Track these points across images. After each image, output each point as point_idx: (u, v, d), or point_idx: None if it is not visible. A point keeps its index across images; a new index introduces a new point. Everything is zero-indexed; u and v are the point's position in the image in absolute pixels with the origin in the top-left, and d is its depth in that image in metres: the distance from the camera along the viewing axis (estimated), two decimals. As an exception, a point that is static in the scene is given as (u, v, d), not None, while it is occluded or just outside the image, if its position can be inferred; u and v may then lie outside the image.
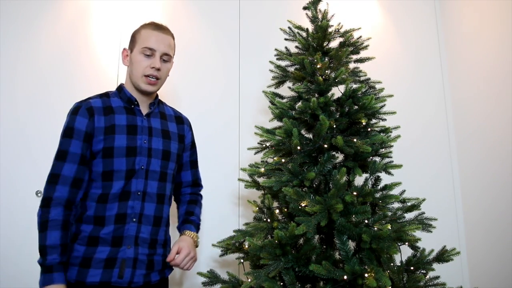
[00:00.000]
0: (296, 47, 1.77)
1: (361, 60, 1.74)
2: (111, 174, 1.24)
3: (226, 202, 2.06)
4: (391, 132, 1.57)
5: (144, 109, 1.36)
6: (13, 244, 1.83)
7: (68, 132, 1.23)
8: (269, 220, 1.48)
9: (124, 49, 1.38)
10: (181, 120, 1.46)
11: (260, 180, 1.63)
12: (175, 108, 1.54)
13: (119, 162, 1.25)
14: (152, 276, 1.26)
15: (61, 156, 1.22)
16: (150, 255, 1.26)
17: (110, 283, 1.19)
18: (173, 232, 1.70)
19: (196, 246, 1.36)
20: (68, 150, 1.22)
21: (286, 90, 1.72)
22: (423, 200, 1.57)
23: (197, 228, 1.40)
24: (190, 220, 1.40)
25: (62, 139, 1.24)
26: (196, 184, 1.52)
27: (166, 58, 1.34)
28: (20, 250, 1.83)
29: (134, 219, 1.24)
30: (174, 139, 1.39)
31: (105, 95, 1.35)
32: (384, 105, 1.58)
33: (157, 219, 1.29)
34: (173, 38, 1.40)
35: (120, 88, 1.36)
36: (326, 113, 1.50)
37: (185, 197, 1.49)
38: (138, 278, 1.22)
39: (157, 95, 1.43)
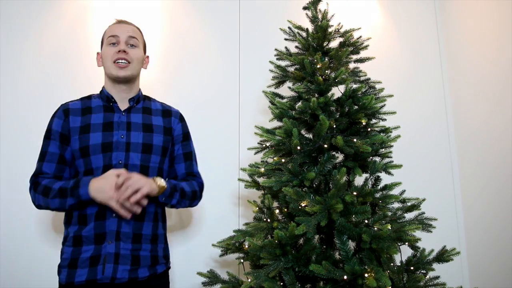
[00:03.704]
0: (296, 47, 1.77)
1: (361, 60, 1.74)
2: (91, 172, 1.27)
3: (226, 202, 2.06)
4: (391, 132, 1.57)
5: (123, 105, 1.37)
6: (13, 244, 1.83)
7: (47, 134, 1.32)
8: (269, 220, 1.48)
9: (98, 53, 1.42)
10: (168, 113, 1.43)
11: (260, 180, 1.63)
12: (172, 106, 1.52)
13: (96, 159, 1.26)
14: (139, 272, 1.24)
15: (41, 157, 1.31)
16: (134, 250, 1.24)
17: (96, 280, 1.19)
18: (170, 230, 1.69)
19: (158, 193, 1.24)
20: (47, 150, 1.30)
21: (286, 90, 1.72)
22: (423, 200, 1.57)
23: (169, 183, 1.28)
24: (168, 180, 1.31)
25: (43, 141, 1.32)
26: (191, 175, 1.45)
27: (133, 42, 1.36)
28: (19, 250, 1.83)
29: (113, 215, 1.23)
30: (158, 132, 1.36)
31: (87, 98, 1.39)
32: (384, 105, 1.58)
33: (140, 213, 1.25)
34: (140, 30, 1.44)
35: (101, 89, 1.39)
36: (326, 113, 1.50)
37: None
38: (122, 274, 1.20)
39: (139, 91, 1.43)
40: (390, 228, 1.28)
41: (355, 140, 1.42)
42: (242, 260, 1.55)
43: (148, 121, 1.36)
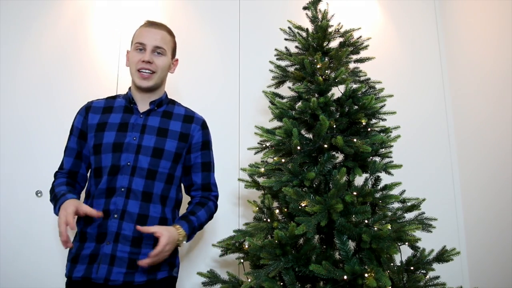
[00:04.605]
0: (296, 47, 1.77)
1: (361, 60, 1.74)
2: (100, 170, 1.29)
3: (226, 202, 2.06)
4: (391, 132, 1.57)
5: (144, 107, 1.37)
6: (12, 244, 1.83)
7: (70, 130, 1.38)
8: (269, 220, 1.48)
9: (128, 51, 1.42)
10: (190, 119, 1.40)
11: (260, 180, 1.63)
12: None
13: (106, 158, 1.28)
14: (136, 276, 1.21)
15: (64, 151, 1.38)
16: (133, 254, 1.22)
17: (90, 279, 1.19)
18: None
19: (177, 246, 1.26)
20: (68, 145, 1.37)
21: (286, 90, 1.72)
22: (423, 200, 1.57)
23: (191, 229, 1.28)
24: (188, 219, 1.29)
25: (68, 137, 1.39)
26: (208, 188, 1.42)
27: (160, 51, 1.34)
28: (19, 251, 1.83)
29: (115, 215, 1.23)
30: (172, 137, 1.33)
31: (113, 97, 1.42)
32: (384, 105, 1.58)
33: (142, 217, 1.24)
34: (170, 34, 1.41)
35: (128, 89, 1.42)
36: (326, 113, 1.50)
37: (195, 200, 1.41)
38: (116, 276, 1.19)
39: (165, 94, 1.42)
40: (390, 228, 1.28)
41: (355, 140, 1.42)
42: (242, 260, 1.55)
43: (164, 126, 1.34)
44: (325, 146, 1.46)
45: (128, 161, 1.27)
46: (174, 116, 1.38)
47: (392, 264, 1.35)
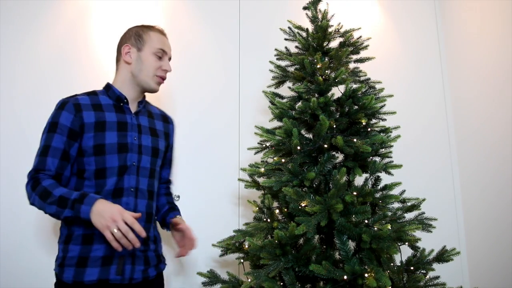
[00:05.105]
0: (296, 47, 1.77)
1: (361, 60, 1.74)
2: (104, 172, 1.24)
3: (226, 202, 2.06)
4: (391, 132, 1.57)
5: (133, 108, 1.38)
6: (13, 243, 1.83)
7: (51, 128, 1.23)
8: (269, 220, 1.48)
9: (126, 45, 1.36)
10: (166, 119, 1.50)
11: (260, 180, 1.63)
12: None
13: (111, 159, 1.24)
14: (149, 272, 1.28)
15: (43, 151, 1.22)
16: (144, 251, 1.28)
17: (108, 280, 1.18)
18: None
19: None
20: (51, 145, 1.21)
21: (286, 90, 1.72)
22: (423, 200, 1.57)
23: None
24: (177, 209, 1.51)
25: (46, 134, 1.23)
26: (169, 181, 1.59)
27: (170, 61, 1.44)
28: (20, 250, 1.83)
29: None
30: (161, 137, 1.42)
31: (93, 93, 1.34)
32: (384, 105, 1.58)
33: (149, 215, 1.31)
34: None
35: (108, 87, 1.36)
36: (326, 113, 1.50)
37: (162, 190, 1.54)
38: (138, 274, 1.24)
39: (144, 95, 1.45)
40: (390, 228, 1.28)
41: (355, 140, 1.42)
42: (242, 260, 1.55)
43: (153, 125, 1.41)
44: (325, 146, 1.46)
45: (133, 161, 1.29)
46: (155, 116, 1.46)
47: (392, 264, 1.35)
